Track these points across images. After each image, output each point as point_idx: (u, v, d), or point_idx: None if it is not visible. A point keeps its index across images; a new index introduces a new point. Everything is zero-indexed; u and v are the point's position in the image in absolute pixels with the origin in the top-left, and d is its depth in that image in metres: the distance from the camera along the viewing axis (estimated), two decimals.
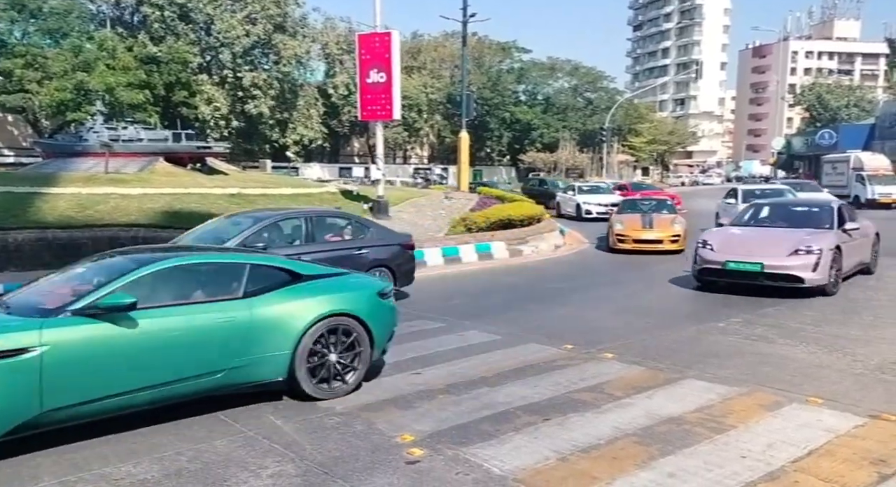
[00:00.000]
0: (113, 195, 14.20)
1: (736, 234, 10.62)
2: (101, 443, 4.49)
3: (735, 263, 9.52)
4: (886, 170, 31.08)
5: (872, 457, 4.14)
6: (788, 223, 10.62)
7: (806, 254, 9.27)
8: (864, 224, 11.13)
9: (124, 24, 43.20)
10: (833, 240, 9.62)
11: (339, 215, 9.89)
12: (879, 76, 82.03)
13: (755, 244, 9.81)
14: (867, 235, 11.16)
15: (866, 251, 11.00)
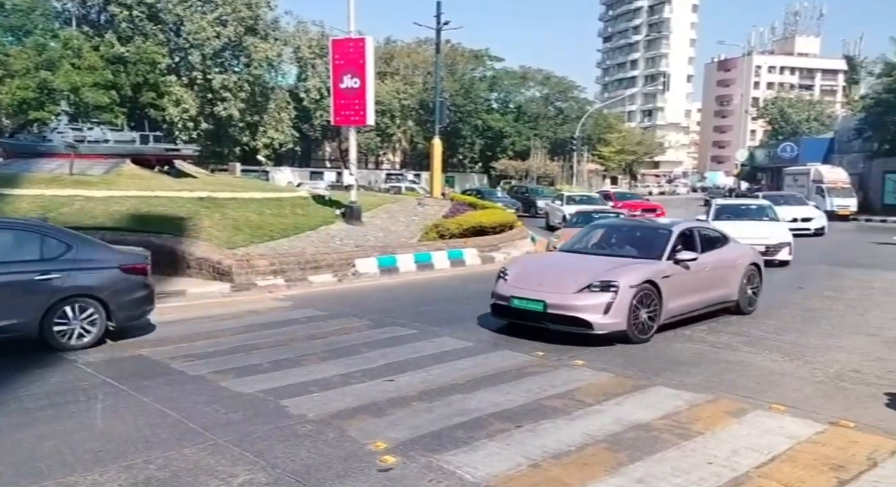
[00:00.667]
0: (78, 197, 13.87)
1: (541, 263, 9.04)
2: (65, 450, 4.40)
3: (520, 300, 7.55)
4: (844, 183, 32.06)
5: (832, 463, 4.28)
6: (619, 249, 8.66)
7: (599, 292, 7.18)
8: (724, 253, 8.97)
9: (90, 23, 42.31)
10: (645, 273, 7.53)
11: (25, 226, 7.32)
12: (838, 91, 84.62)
13: (551, 276, 7.86)
14: (731, 266, 8.92)
15: (727, 286, 8.75)
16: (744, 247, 9.63)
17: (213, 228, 13.23)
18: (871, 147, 36.24)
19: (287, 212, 15.99)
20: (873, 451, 4.45)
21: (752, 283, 9.29)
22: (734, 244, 9.36)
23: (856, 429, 4.87)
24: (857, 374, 6.33)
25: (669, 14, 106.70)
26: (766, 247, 13.31)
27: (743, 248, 9.54)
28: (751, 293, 9.25)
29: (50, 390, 5.72)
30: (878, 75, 38.38)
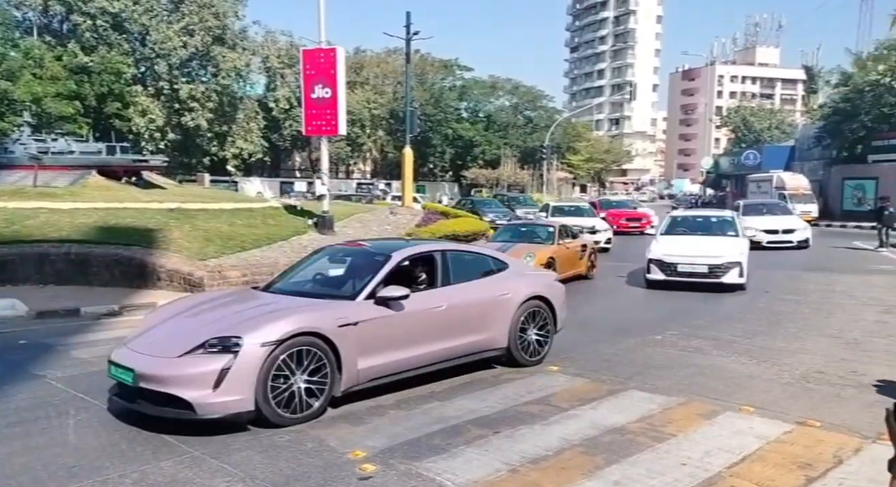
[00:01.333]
0: (42, 209, 13.55)
1: (187, 307, 5.96)
2: (37, 467, 4.31)
3: (116, 367, 5.23)
4: (805, 189, 32.99)
5: (800, 462, 4.42)
6: (322, 286, 6.46)
7: (213, 355, 4.84)
8: (485, 285, 6.67)
9: (52, 32, 41.49)
10: (301, 321, 5.15)
11: None
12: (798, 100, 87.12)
13: (172, 329, 5.44)
14: (494, 302, 6.58)
15: (488, 329, 6.47)
16: (527, 277, 7.24)
17: (183, 239, 13.05)
18: (830, 154, 37.39)
19: (258, 222, 15.86)
20: (839, 449, 4.61)
21: (536, 324, 6.84)
22: (512, 272, 7.03)
23: (821, 428, 5.03)
24: (822, 375, 6.54)
25: (635, 25, 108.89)
26: (709, 268, 11.65)
27: (525, 278, 7.12)
28: (534, 338, 6.81)
29: (19, 406, 5.59)
30: (834, 85, 39.71)
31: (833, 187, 36.07)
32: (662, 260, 12.15)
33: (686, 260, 12.01)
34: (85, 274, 11.73)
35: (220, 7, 43.64)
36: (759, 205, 22.13)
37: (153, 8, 41.62)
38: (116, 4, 39.69)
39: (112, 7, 39.58)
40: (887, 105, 32.64)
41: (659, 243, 12.75)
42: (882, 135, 33.51)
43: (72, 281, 11.63)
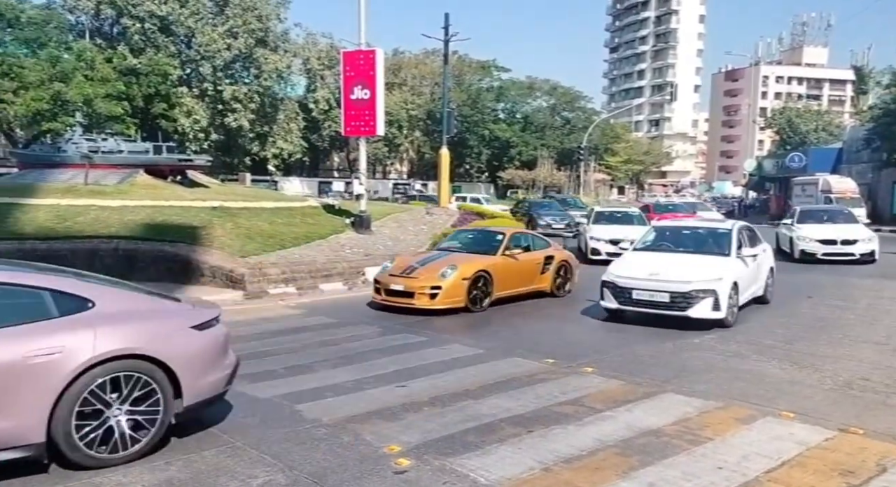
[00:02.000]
0: (93, 206, 14.05)
1: None
2: None
3: None
4: (853, 193, 31.98)
5: (841, 469, 4.33)
6: None
7: None
8: None
9: (103, 35, 42.93)
10: None
11: None
12: (846, 102, 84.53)
13: None
14: None
15: None
16: None
17: (225, 237, 13.38)
18: (879, 157, 36.17)
19: (298, 220, 16.14)
20: (882, 457, 4.50)
21: None
22: None
23: (865, 436, 4.92)
24: (867, 382, 6.37)
25: (676, 25, 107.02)
26: (671, 297, 8.73)
27: None
28: None
29: None
30: (886, 85, 38.39)
31: (883, 191, 34.90)
32: (616, 284, 9.21)
33: (644, 284, 8.97)
34: (132, 270, 12.11)
35: (263, 10, 44.53)
36: (818, 212, 19.00)
37: (199, 11, 42.70)
38: (164, 8, 40.85)
39: (160, 10, 40.75)
40: None
41: (622, 261, 9.91)
42: None
43: (120, 275, 11.94)
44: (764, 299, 10.60)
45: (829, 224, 17.30)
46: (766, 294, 10.69)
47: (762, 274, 10.56)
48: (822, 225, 17.16)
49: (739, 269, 9.37)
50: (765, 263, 10.74)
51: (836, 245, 16.25)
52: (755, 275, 10.18)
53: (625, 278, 9.17)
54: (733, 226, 10.44)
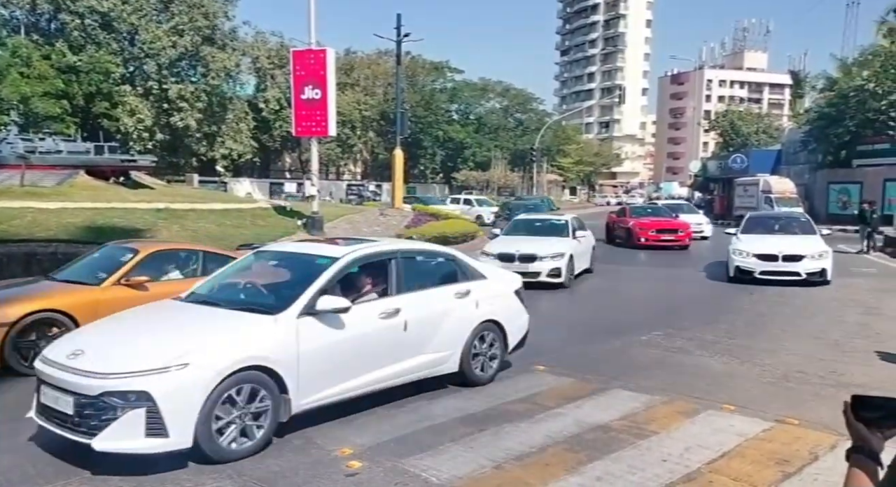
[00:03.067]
0: (30, 209, 13.52)
1: None
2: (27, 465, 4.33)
3: None
4: (791, 193, 33.26)
5: (777, 458, 4.53)
6: None
7: None
8: None
9: (40, 31, 41.21)
10: None
11: None
12: (785, 105, 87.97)
13: None
14: None
15: None
16: None
17: (172, 240, 13.04)
18: (815, 159, 37.77)
19: (247, 222, 15.89)
20: (815, 446, 4.72)
21: None
22: None
23: (799, 426, 5.14)
24: (803, 375, 6.66)
25: (624, 29, 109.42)
26: None
27: None
28: None
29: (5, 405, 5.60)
30: (820, 90, 40.11)
31: (818, 191, 36.45)
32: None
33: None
34: None
35: (210, 7, 43.54)
36: (769, 219, 15.87)
37: (142, 7, 41.47)
38: (105, 4, 39.51)
39: (101, 6, 39.39)
40: (872, 110, 33.02)
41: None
42: (867, 139, 33.89)
43: None
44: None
45: (780, 235, 13.99)
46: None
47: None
48: (770, 236, 13.89)
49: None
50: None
51: (776, 261, 12.74)
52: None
53: None
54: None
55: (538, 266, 11.92)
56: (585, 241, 13.94)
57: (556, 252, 12.20)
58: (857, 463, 1.48)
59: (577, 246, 13.16)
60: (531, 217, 15.80)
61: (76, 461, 4.30)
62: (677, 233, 20.01)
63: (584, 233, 14.03)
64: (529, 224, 14.48)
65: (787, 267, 12.75)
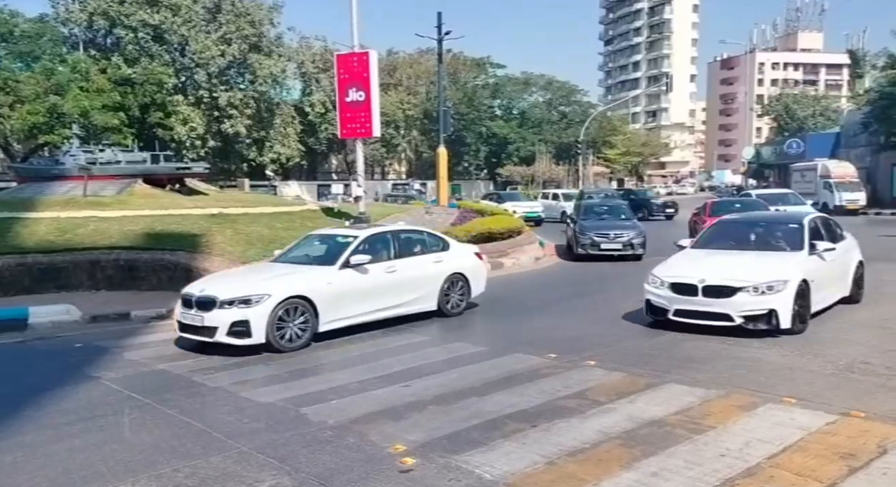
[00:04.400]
0: (92, 218, 14.11)
1: None
2: (97, 462, 4.55)
3: None
4: (852, 177, 31.97)
5: (843, 452, 4.37)
6: None
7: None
8: None
9: (97, 46, 42.91)
10: None
11: None
12: (843, 86, 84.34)
13: None
14: None
15: None
16: None
17: (226, 243, 13.43)
18: (877, 140, 36.12)
19: (297, 224, 16.17)
20: (883, 439, 4.54)
21: None
22: None
23: (866, 419, 4.95)
24: (867, 366, 6.40)
25: (670, 15, 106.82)
26: None
27: None
28: None
29: (78, 406, 5.89)
30: (881, 68, 38.31)
31: (882, 174, 34.89)
32: None
33: None
34: (134, 279, 12.19)
35: (256, 15, 44.49)
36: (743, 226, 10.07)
37: (192, 19, 42.68)
38: (157, 17, 40.83)
39: (152, 19, 40.73)
40: None
41: None
42: None
43: (122, 286, 12.11)
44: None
45: (743, 252, 8.81)
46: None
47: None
48: (728, 254, 8.79)
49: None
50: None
51: (695, 295, 7.92)
52: None
53: None
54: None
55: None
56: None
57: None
58: None
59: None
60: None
61: None
62: None
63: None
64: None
65: (707, 306, 7.80)
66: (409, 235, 10.00)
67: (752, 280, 7.72)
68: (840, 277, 9.28)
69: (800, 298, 7.77)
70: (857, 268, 9.81)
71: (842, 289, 9.33)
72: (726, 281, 7.80)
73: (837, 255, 9.07)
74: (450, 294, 9.57)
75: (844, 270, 9.43)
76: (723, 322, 7.76)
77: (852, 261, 9.75)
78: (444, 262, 9.62)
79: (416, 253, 9.52)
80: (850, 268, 9.59)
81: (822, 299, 8.55)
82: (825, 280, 8.59)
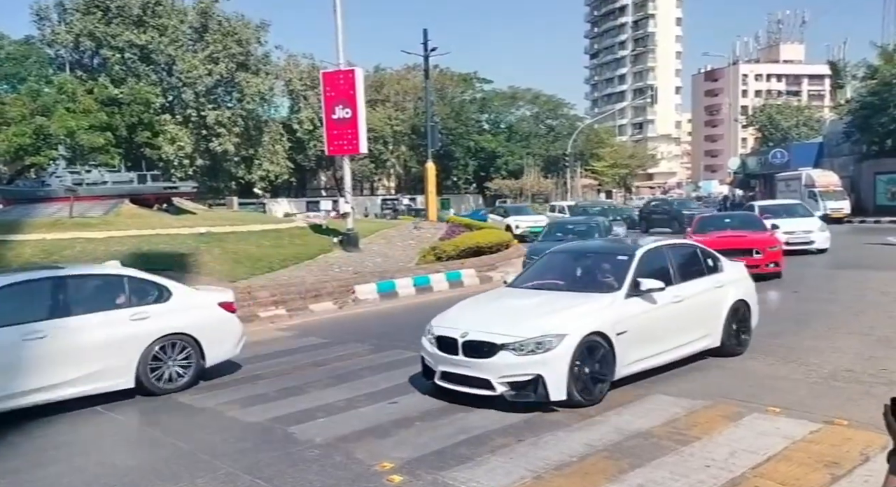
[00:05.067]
0: (79, 239, 14.06)
1: None
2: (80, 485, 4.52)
3: None
4: (836, 186, 32.32)
5: (826, 460, 4.41)
6: None
7: None
8: None
9: (83, 67, 42.91)
10: None
11: None
12: (825, 96, 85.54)
13: None
14: None
15: None
16: None
17: (213, 263, 13.41)
18: (859, 149, 36.61)
19: (285, 242, 16.20)
20: (866, 447, 4.58)
21: None
22: None
23: (849, 427, 5.00)
24: (851, 373, 6.46)
25: (654, 29, 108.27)
26: None
27: None
28: None
29: (62, 429, 5.83)
30: (861, 79, 38.95)
31: (865, 182, 35.28)
32: None
33: None
34: None
35: (243, 34, 44.70)
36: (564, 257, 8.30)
37: (178, 38, 42.84)
38: (143, 37, 40.94)
39: (139, 40, 40.84)
40: None
41: None
42: None
43: None
44: None
45: (559, 293, 6.86)
46: None
47: None
48: (537, 294, 6.94)
49: None
50: None
51: (456, 354, 6.08)
52: None
53: None
54: None
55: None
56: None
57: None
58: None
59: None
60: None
61: None
62: (753, 255, 12.49)
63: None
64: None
65: (467, 369, 5.98)
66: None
67: (516, 333, 5.76)
68: (697, 323, 6.97)
69: (588, 359, 5.76)
70: (737, 311, 7.36)
71: (703, 339, 7.04)
72: (487, 335, 5.87)
73: (691, 294, 6.87)
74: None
75: (706, 314, 7.07)
76: (484, 390, 5.77)
77: (725, 301, 7.26)
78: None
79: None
80: (720, 311, 7.18)
81: (654, 355, 6.46)
82: (658, 330, 6.48)
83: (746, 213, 17.58)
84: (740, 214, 17.62)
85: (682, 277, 7.03)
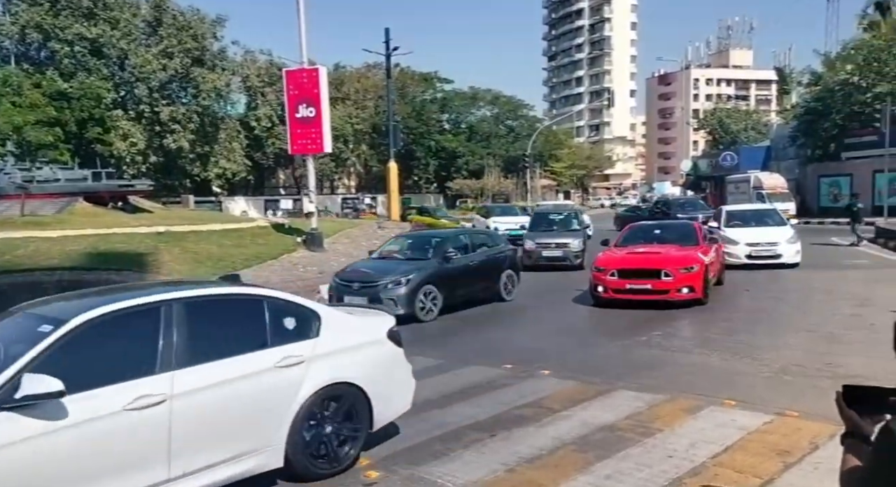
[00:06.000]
0: (32, 238, 13.63)
1: None
2: None
3: None
4: (783, 188, 33.61)
5: (779, 449, 4.70)
6: None
7: None
8: None
9: (30, 59, 41.35)
10: None
11: None
12: (772, 101, 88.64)
13: None
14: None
15: None
16: None
17: (173, 262, 13.20)
18: (804, 153, 38.16)
19: (248, 242, 16.03)
20: (815, 436, 4.89)
21: None
22: None
23: (800, 418, 5.31)
24: (800, 368, 6.84)
25: (610, 32, 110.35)
26: None
27: None
28: None
29: None
30: (806, 85, 40.59)
31: (810, 185, 36.83)
32: None
33: None
34: None
35: (199, 29, 43.79)
36: None
37: (131, 32, 41.71)
38: (94, 30, 39.71)
39: (89, 33, 39.60)
40: (857, 103, 33.43)
41: None
42: (854, 132, 34.28)
43: None
44: None
45: None
46: None
47: None
48: None
49: None
50: None
51: None
52: None
53: None
54: None
55: None
56: None
57: None
58: (851, 448, 1.58)
59: None
60: None
61: None
62: (659, 278, 10.46)
63: None
64: None
65: None
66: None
67: None
68: (219, 434, 4.03)
69: None
70: (323, 405, 4.51)
71: (233, 461, 4.08)
72: None
73: (209, 385, 3.98)
74: None
75: (249, 415, 4.17)
76: None
77: (298, 390, 4.36)
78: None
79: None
80: (283, 407, 4.31)
81: None
82: None
83: (683, 223, 14.64)
84: (674, 224, 14.84)
85: (205, 354, 4.02)
